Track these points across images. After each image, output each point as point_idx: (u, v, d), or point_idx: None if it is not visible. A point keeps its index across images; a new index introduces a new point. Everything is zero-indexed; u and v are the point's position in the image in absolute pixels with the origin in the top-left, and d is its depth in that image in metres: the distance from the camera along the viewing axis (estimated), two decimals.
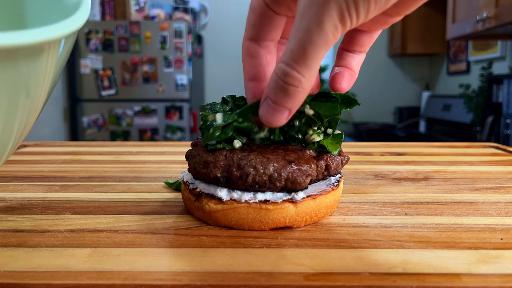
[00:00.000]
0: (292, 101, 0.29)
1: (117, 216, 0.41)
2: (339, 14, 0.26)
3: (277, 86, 0.29)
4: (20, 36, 0.24)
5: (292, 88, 0.28)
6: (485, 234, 0.37)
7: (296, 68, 0.28)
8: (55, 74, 0.33)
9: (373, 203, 0.46)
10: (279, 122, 0.31)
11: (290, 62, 0.28)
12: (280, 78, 0.29)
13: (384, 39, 4.05)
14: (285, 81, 0.28)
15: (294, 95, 0.29)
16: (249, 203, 0.37)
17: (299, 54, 0.27)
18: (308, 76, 0.28)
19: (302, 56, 0.27)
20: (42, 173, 0.60)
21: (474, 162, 0.69)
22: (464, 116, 3.00)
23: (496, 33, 2.52)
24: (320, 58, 0.27)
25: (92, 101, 3.31)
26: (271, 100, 0.30)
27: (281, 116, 0.31)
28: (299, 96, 0.29)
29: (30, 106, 0.31)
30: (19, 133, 0.32)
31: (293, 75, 0.28)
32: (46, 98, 0.34)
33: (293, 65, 0.28)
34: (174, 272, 0.30)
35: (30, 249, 0.33)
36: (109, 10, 3.56)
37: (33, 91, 0.30)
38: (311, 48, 0.27)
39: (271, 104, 0.30)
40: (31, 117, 0.33)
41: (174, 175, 0.59)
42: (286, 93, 0.29)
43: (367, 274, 0.29)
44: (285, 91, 0.29)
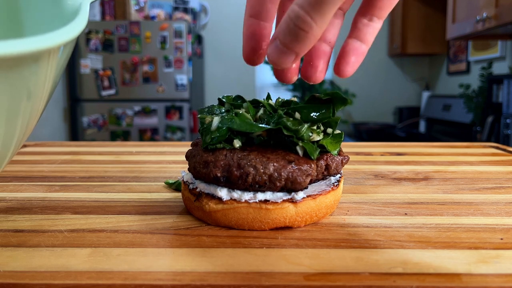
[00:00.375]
0: (300, 45, 0.29)
1: (117, 216, 0.41)
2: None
3: (288, 29, 0.29)
4: (19, 45, 0.24)
5: (302, 33, 0.28)
6: (485, 234, 0.37)
7: (310, 13, 0.27)
8: (56, 77, 0.33)
9: (373, 203, 0.46)
10: (285, 64, 0.31)
11: (305, 6, 0.27)
12: (292, 21, 0.28)
13: (384, 39, 4.05)
14: (297, 25, 0.28)
15: (303, 40, 0.29)
16: (249, 203, 0.37)
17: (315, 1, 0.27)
18: (320, 23, 0.28)
19: (318, 3, 0.27)
20: (42, 173, 0.60)
21: (474, 162, 0.69)
22: (464, 116, 3.00)
23: (496, 33, 2.52)
24: (336, 6, 0.27)
25: (92, 101, 3.31)
26: (280, 41, 0.30)
27: (288, 58, 0.30)
28: (308, 41, 0.29)
29: (31, 109, 0.31)
30: (20, 136, 0.32)
31: (306, 20, 0.28)
32: (47, 100, 0.34)
33: (308, 9, 0.27)
34: (174, 272, 0.30)
35: (30, 249, 0.33)
36: (109, 10, 3.56)
37: (34, 94, 0.30)
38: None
39: (279, 45, 0.30)
40: (32, 120, 0.33)
41: (174, 175, 0.59)
42: (295, 37, 0.29)
43: (367, 274, 0.29)
44: (295, 35, 0.29)
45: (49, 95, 0.34)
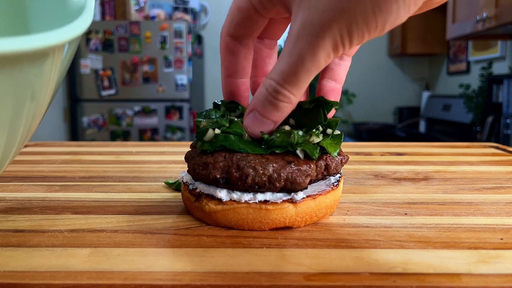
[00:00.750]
0: (280, 114, 0.31)
1: (117, 216, 0.41)
2: (333, 45, 0.27)
3: (267, 101, 0.30)
4: (24, 42, 0.24)
5: (281, 103, 0.30)
6: (485, 234, 0.37)
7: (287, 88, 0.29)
8: (59, 77, 0.33)
9: (373, 203, 0.46)
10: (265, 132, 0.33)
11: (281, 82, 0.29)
12: (270, 94, 0.30)
13: (384, 39, 4.05)
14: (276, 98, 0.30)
15: (283, 109, 0.31)
16: (249, 204, 0.37)
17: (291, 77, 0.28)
18: (298, 94, 0.30)
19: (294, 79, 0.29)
20: (42, 173, 0.60)
21: (474, 162, 0.69)
22: (464, 116, 3.00)
23: (496, 33, 2.52)
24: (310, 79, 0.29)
25: (92, 101, 3.31)
26: (259, 112, 0.31)
27: (266, 127, 0.32)
28: (287, 110, 0.31)
29: (35, 109, 0.31)
30: (23, 137, 0.32)
31: (284, 93, 0.29)
32: (50, 101, 0.34)
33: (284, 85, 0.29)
34: (174, 272, 0.30)
35: (30, 249, 0.33)
36: (109, 10, 3.56)
37: (38, 95, 0.30)
38: (303, 73, 0.28)
39: (258, 116, 0.32)
40: (35, 121, 0.33)
41: (174, 175, 0.59)
42: (275, 107, 0.30)
43: (367, 274, 0.29)
44: (275, 106, 0.30)
45: (52, 96, 0.34)
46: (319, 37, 0.26)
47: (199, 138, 0.40)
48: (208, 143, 0.39)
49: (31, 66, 0.27)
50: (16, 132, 0.30)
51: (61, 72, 0.33)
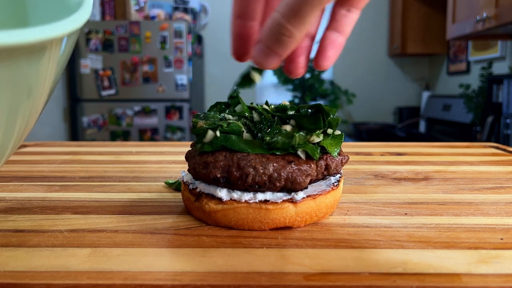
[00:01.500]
0: (283, 48, 0.31)
1: (117, 216, 0.41)
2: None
3: (271, 34, 0.31)
4: (22, 35, 0.24)
5: (284, 37, 0.30)
6: (485, 234, 0.37)
7: (290, 22, 0.29)
8: (57, 74, 0.33)
9: (373, 203, 0.46)
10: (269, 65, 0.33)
11: (286, 15, 0.29)
12: (274, 27, 0.30)
13: (384, 39, 4.05)
14: (279, 31, 0.30)
15: (286, 43, 0.31)
16: (249, 203, 0.37)
17: (295, 10, 0.29)
18: (301, 28, 0.30)
19: (297, 12, 0.29)
20: (42, 173, 0.60)
21: (474, 162, 0.69)
22: (464, 116, 3.00)
23: (496, 33, 2.52)
24: (314, 14, 0.29)
25: (92, 101, 3.31)
26: (265, 45, 0.31)
27: (271, 59, 0.32)
28: (290, 45, 0.31)
29: (31, 106, 0.31)
30: (19, 134, 0.32)
31: (287, 27, 0.30)
32: (47, 98, 0.34)
33: (288, 18, 0.29)
34: (174, 272, 0.30)
35: (30, 249, 0.33)
36: (109, 10, 3.55)
37: (34, 91, 0.29)
38: (307, 6, 0.28)
39: (263, 48, 0.32)
40: (32, 118, 0.32)
41: (174, 175, 0.59)
42: (278, 41, 0.31)
43: (367, 274, 0.29)
44: (278, 40, 0.31)
45: (49, 94, 0.34)
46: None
47: (198, 140, 0.40)
48: (208, 144, 0.39)
49: (28, 61, 0.27)
50: (12, 129, 0.30)
51: (59, 68, 0.33)
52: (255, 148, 0.37)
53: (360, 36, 3.97)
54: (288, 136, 0.37)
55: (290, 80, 3.66)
